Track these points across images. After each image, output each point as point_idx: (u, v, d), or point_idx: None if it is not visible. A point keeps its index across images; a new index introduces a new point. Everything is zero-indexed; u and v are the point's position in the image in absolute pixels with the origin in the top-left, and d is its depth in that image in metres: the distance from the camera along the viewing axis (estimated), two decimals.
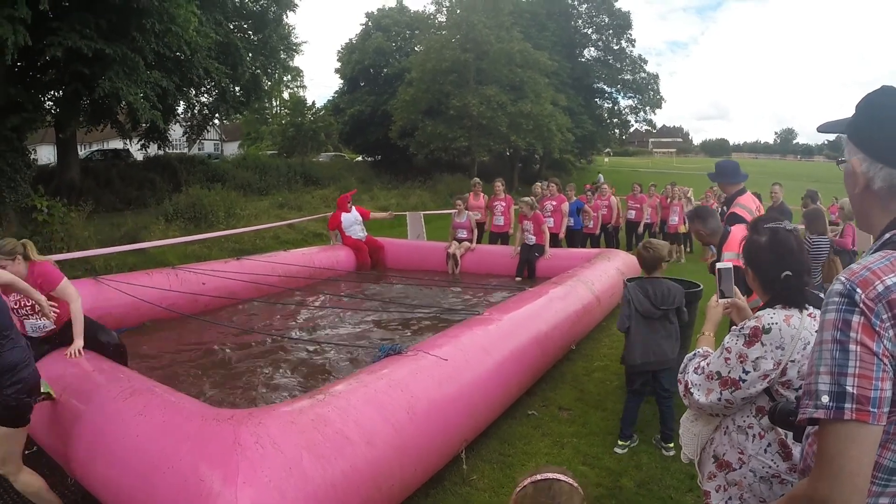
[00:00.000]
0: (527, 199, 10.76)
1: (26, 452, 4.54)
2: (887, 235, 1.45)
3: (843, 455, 1.29)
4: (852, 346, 1.29)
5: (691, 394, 2.28)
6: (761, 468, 2.17)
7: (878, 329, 1.29)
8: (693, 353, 2.46)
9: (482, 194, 12.50)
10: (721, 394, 2.19)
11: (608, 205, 14.70)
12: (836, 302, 1.35)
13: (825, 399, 1.31)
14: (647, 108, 45.87)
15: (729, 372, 2.17)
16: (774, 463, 2.16)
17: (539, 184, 12.80)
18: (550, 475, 1.68)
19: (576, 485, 1.67)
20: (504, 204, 11.79)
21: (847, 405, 1.28)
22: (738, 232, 4.33)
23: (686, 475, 4.30)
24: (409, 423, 3.72)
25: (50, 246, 11.67)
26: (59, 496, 3.96)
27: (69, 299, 4.57)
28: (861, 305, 1.31)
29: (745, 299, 2.59)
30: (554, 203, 12.06)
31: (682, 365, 2.43)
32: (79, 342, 4.49)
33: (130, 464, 3.23)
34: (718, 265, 2.54)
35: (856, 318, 1.31)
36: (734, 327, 2.28)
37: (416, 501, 3.89)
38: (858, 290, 1.32)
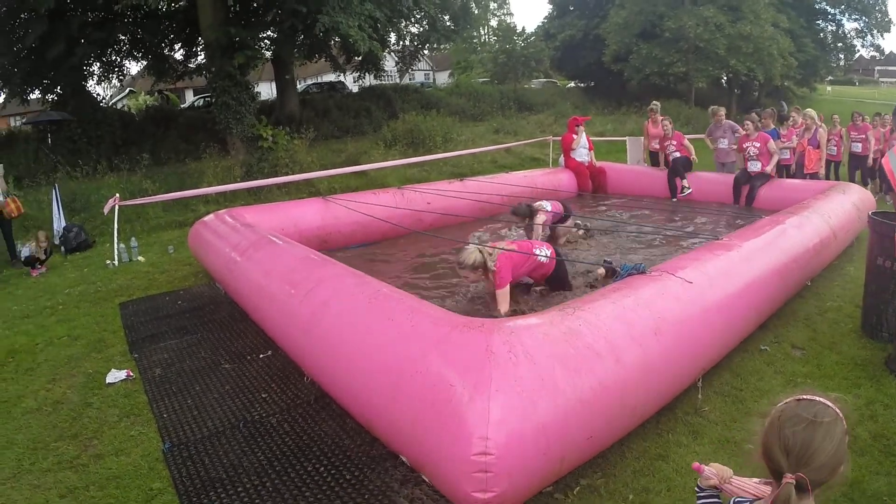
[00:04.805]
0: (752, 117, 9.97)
1: (261, 356, 4.84)
2: None
3: None
4: None
5: None
6: None
7: None
8: None
9: (661, 120, 11.07)
10: None
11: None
12: None
13: None
14: (874, 31, 40.05)
15: None
16: None
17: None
18: (818, 397, 1.58)
19: (842, 415, 1.55)
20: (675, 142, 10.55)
21: None
22: None
23: None
24: (655, 343, 3.51)
25: (276, 170, 12.54)
26: (295, 394, 4.21)
27: None
28: None
29: None
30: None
31: None
32: None
33: (376, 367, 3.28)
34: None
35: None
36: None
37: (647, 427, 3.70)
38: None
